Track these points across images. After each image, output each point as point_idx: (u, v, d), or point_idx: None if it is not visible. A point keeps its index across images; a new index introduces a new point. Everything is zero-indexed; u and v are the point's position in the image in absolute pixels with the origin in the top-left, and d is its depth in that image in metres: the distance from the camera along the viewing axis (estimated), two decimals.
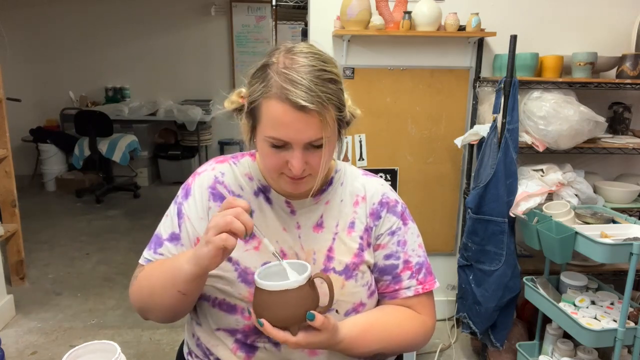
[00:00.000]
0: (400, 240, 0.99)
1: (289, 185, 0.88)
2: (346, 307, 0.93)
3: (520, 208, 2.02)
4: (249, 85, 0.86)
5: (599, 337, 1.69)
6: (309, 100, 0.78)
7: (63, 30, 5.37)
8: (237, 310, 0.91)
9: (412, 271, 0.98)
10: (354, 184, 1.01)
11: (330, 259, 0.94)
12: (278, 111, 0.80)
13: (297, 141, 0.82)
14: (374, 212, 0.99)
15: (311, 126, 0.80)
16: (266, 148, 0.85)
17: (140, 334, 2.47)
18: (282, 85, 0.79)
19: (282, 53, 0.84)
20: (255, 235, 0.82)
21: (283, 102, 0.79)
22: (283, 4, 2.56)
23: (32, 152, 5.18)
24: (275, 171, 0.87)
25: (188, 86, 5.59)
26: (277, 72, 0.81)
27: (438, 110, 2.38)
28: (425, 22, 2.16)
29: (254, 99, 0.83)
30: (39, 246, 3.56)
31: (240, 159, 1.02)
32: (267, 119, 0.82)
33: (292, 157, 0.83)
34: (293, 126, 0.80)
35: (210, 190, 0.97)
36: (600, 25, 2.34)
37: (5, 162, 2.70)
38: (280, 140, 0.82)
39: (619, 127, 2.33)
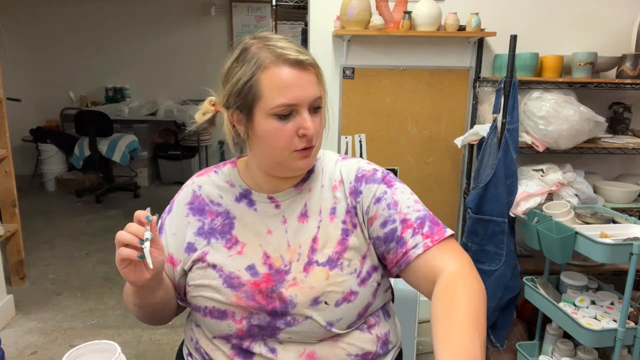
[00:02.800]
0: (389, 203, 0.92)
1: (301, 160, 0.88)
2: (335, 298, 0.89)
3: (520, 208, 2.02)
4: (231, 78, 0.87)
5: (599, 337, 1.69)
6: (304, 56, 0.83)
7: (63, 30, 5.37)
8: (227, 316, 0.91)
9: (413, 228, 0.90)
10: (332, 169, 0.99)
11: (313, 250, 0.92)
12: (281, 75, 0.82)
13: (304, 100, 0.84)
14: (353, 190, 0.95)
15: (311, 83, 0.85)
16: (273, 125, 0.84)
17: (140, 334, 2.47)
18: (274, 52, 0.83)
19: (254, 38, 0.88)
20: (155, 234, 0.84)
21: (283, 65, 0.83)
22: (283, 4, 2.56)
23: (32, 152, 5.18)
24: (286, 148, 0.86)
25: (188, 86, 5.58)
26: (261, 48, 0.84)
27: (438, 110, 2.38)
28: (425, 22, 2.16)
29: (246, 80, 0.84)
30: (39, 246, 3.56)
31: (221, 168, 1.03)
32: (271, 89, 0.83)
33: (302, 121, 0.84)
34: (298, 85, 0.83)
35: (188, 206, 0.98)
36: (600, 25, 2.34)
37: (5, 162, 2.70)
38: (288, 105, 0.83)
39: (619, 127, 2.33)
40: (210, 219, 0.96)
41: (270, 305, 0.89)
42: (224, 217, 0.96)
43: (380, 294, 0.97)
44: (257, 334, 0.91)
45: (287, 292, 0.89)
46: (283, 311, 0.89)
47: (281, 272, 0.91)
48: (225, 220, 0.96)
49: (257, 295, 0.89)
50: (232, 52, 0.89)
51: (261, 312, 0.90)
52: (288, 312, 0.89)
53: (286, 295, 0.89)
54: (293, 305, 0.89)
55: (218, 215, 0.96)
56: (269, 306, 0.89)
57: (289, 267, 0.92)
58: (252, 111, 0.85)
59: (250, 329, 0.90)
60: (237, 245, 0.93)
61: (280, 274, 0.91)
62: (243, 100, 0.86)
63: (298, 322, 0.90)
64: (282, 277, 0.91)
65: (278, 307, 0.89)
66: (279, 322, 0.90)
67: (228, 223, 0.95)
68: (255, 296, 0.89)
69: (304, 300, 0.89)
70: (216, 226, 0.95)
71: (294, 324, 0.90)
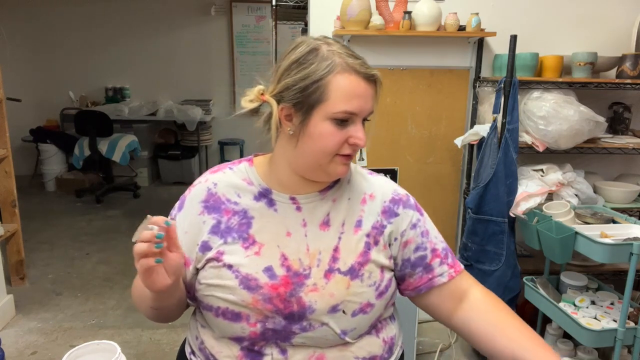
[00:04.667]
0: (423, 231, 1.00)
1: (341, 166, 0.90)
2: (353, 308, 0.91)
3: (520, 208, 2.02)
4: (287, 75, 0.87)
5: (599, 337, 1.69)
6: (372, 70, 0.87)
7: (63, 30, 5.37)
8: (242, 318, 0.89)
9: (440, 257, 1.00)
10: (361, 183, 1.01)
11: (335, 259, 0.92)
12: (352, 83, 0.85)
13: (364, 112, 0.87)
14: (387, 209, 0.98)
15: (371, 98, 0.88)
16: (329, 128, 0.86)
17: (140, 334, 2.47)
18: (348, 60, 0.85)
19: (321, 41, 0.89)
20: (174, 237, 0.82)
21: (355, 74, 0.85)
22: (283, 4, 2.55)
23: (32, 152, 5.18)
24: (331, 153, 0.88)
25: (188, 86, 5.59)
26: (333, 52, 0.86)
27: (438, 110, 2.38)
28: (425, 22, 2.16)
29: (315, 80, 0.85)
30: (39, 246, 3.56)
31: (237, 165, 1.01)
32: (339, 94, 0.85)
33: (355, 131, 0.88)
34: (363, 97, 0.86)
35: (203, 204, 0.96)
36: (600, 25, 2.34)
37: (5, 162, 2.70)
38: (350, 113, 0.86)
39: (619, 127, 2.33)
40: (226, 217, 0.94)
41: (288, 309, 0.88)
42: (241, 216, 0.94)
43: (390, 305, 1.01)
44: (271, 337, 0.90)
45: (307, 297, 0.89)
46: (300, 316, 0.89)
47: (300, 275, 0.90)
48: (242, 219, 0.93)
49: (275, 298, 0.88)
50: (294, 48, 0.89)
51: (277, 315, 0.88)
52: (305, 317, 0.89)
53: (305, 301, 0.89)
54: (312, 311, 0.89)
55: (235, 214, 0.94)
56: (286, 310, 0.88)
57: (309, 271, 0.91)
58: (312, 110, 0.86)
59: (265, 333, 0.89)
60: (255, 246, 0.92)
61: (299, 278, 0.90)
62: (305, 98, 0.86)
63: (314, 327, 0.89)
64: (301, 281, 0.90)
65: (296, 312, 0.88)
66: (295, 327, 0.89)
67: (246, 222, 0.93)
68: (272, 299, 0.88)
69: (323, 306, 0.89)
70: (233, 225, 0.93)
71: (309, 329, 0.89)
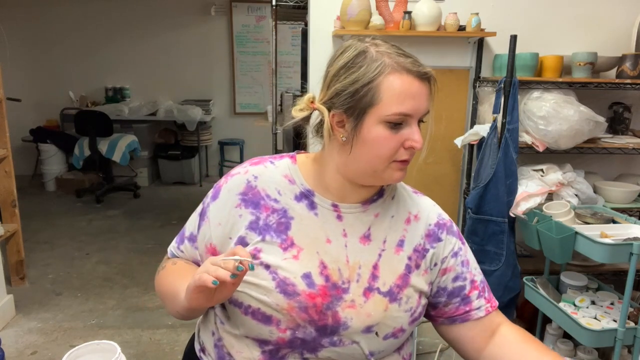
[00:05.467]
0: (463, 261, 0.97)
1: (398, 171, 0.86)
2: (386, 331, 0.88)
3: (520, 208, 2.02)
4: (336, 80, 0.84)
5: (599, 337, 1.69)
6: (425, 68, 0.83)
7: (63, 30, 5.37)
8: (272, 322, 0.85)
9: (479, 290, 0.96)
10: (406, 201, 0.97)
11: (375, 277, 0.89)
12: (404, 83, 0.81)
13: (419, 112, 0.84)
14: (431, 233, 0.95)
15: (427, 96, 0.84)
16: (383, 132, 0.82)
17: (140, 334, 2.47)
18: (398, 60, 0.82)
19: (368, 43, 0.85)
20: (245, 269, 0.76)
21: (407, 74, 0.81)
22: (283, 4, 2.55)
23: (32, 152, 5.18)
24: (387, 159, 0.84)
25: (188, 86, 5.59)
26: (382, 53, 0.83)
27: (438, 110, 2.36)
28: (425, 22, 2.16)
29: (365, 82, 0.81)
30: (39, 246, 3.56)
31: (278, 160, 0.96)
32: (392, 95, 0.81)
33: (411, 134, 0.84)
34: (418, 96, 0.82)
35: (240, 196, 0.91)
36: (600, 25, 2.34)
37: (5, 162, 2.70)
38: (404, 114, 0.82)
39: (619, 127, 2.33)
40: (265, 214, 0.89)
41: (322, 322, 0.85)
42: (280, 215, 0.89)
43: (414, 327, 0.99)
44: (298, 346, 0.87)
45: (344, 313, 0.86)
46: (333, 330, 0.86)
47: (338, 288, 0.87)
48: (281, 218, 0.89)
49: (311, 308, 0.85)
50: (342, 53, 0.86)
51: (310, 326, 0.85)
52: (338, 332, 0.86)
53: (341, 316, 0.86)
54: (346, 328, 0.86)
55: (274, 212, 0.90)
56: (320, 322, 0.85)
57: (348, 286, 0.87)
58: (364, 115, 0.82)
59: (293, 341, 0.86)
60: (293, 249, 0.88)
61: (338, 291, 0.87)
62: (356, 102, 0.82)
63: (344, 344, 0.87)
64: (339, 294, 0.87)
65: (329, 325, 0.86)
66: (324, 340, 0.86)
67: (285, 222, 0.89)
68: (308, 309, 0.85)
69: (359, 325, 0.86)
70: (271, 223, 0.89)
71: (339, 344, 0.87)
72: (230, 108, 5.72)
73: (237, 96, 5.64)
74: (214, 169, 5.77)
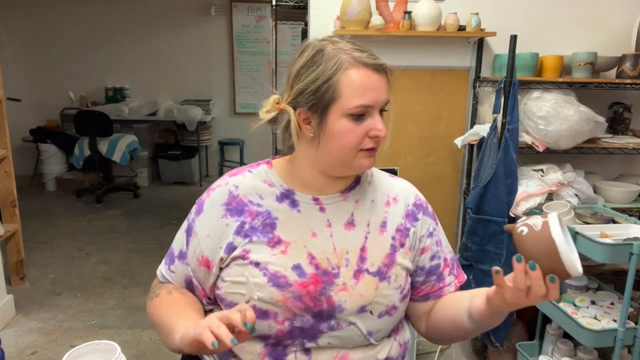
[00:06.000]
0: (438, 240, 1.02)
1: (366, 159, 0.90)
2: (380, 309, 0.92)
3: (520, 208, 2.02)
4: (304, 79, 0.87)
5: (599, 337, 1.69)
6: (382, 62, 0.87)
7: (63, 30, 5.37)
8: (269, 315, 0.88)
9: (449, 267, 1.03)
10: (383, 185, 1.02)
11: (363, 259, 0.93)
12: (362, 77, 0.85)
13: (379, 103, 0.87)
14: (410, 213, 1.00)
15: (385, 87, 0.88)
16: (347, 124, 0.86)
17: (140, 334, 2.47)
18: (354, 55, 0.86)
19: (325, 42, 0.89)
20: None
21: (364, 67, 0.86)
22: (283, 4, 2.55)
23: (32, 152, 5.18)
24: (355, 148, 0.88)
25: (188, 86, 5.59)
26: (338, 50, 0.87)
27: (438, 110, 2.38)
28: (425, 22, 2.16)
29: (325, 80, 0.85)
30: (39, 246, 3.56)
31: (255, 168, 1.00)
32: (351, 90, 0.85)
33: (374, 123, 0.87)
34: (376, 87, 0.86)
35: (225, 207, 0.95)
36: (600, 25, 2.34)
37: (5, 162, 2.70)
38: (365, 106, 0.86)
39: (619, 127, 2.33)
40: (250, 218, 0.93)
41: (317, 308, 0.89)
42: (264, 217, 0.93)
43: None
44: (298, 335, 0.90)
45: (337, 296, 0.90)
46: (329, 315, 0.89)
47: (329, 274, 0.91)
48: (266, 220, 0.93)
49: (305, 296, 0.88)
50: (301, 53, 0.90)
51: (306, 314, 0.89)
52: (334, 316, 0.90)
53: (335, 300, 0.89)
54: (341, 310, 0.90)
55: (258, 215, 0.94)
56: (315, 308, 0.89)
57: (338, 270, 0.91)
58: (327, 110, 0.87)
59: (292, 331, 0.89)
60: (281, 245, 0.91)
61: (329, 277, 0.90)
62: (319, 99, 0.86)
63: (341, 327, 0.90)
64: (330, 279, 0.90)
65: (325, 310, 0.89)
66: (323, 326, 0.90)
67: (270, 223, 0.93)
68: (302, 297, 0.88)
69: (352, 306, 0.90)
70: (257, 225, 0.93)
71: (337, 328, 0.90)
72: (230, 108, 5.72)
73: (237, 96, 5.65)
74: (214, 169, 5.77)
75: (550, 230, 0.75)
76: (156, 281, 1.04)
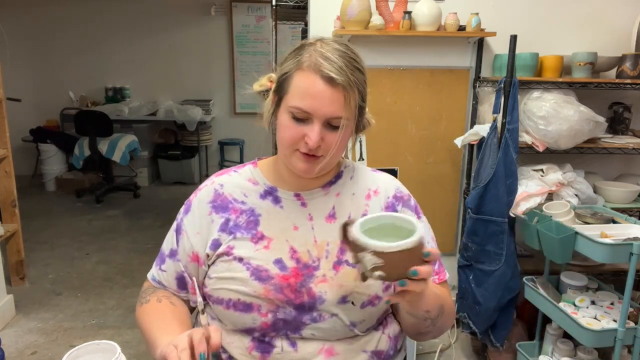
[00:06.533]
0: None
1: (301, 162, 0.91)
2: (361, 299, 0.93)
3: (520, 208, 2.02)
4: (282, 65, 0.92)
5: (599, 337, 1.69)
6: (338, 75, 0.85)
7: (63, 30, 5.37)
8: (253, 308, 0.91)
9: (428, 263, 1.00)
10: (365, 179, 1.04)
11: (343, 251, 0.95)
12: (308, 81, 0.86)
13: (320, 114, 0.86)
14: (390, 205, 1.01)
15: (335, 102, 0.86)
16: (287, 120, 0.89)
17: (140, 334, 2.47)
18: (316, 59, 0.87)
19: (318, 39, 0.92)
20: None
21: (315, 73, 0.86)
22: (283, 4, 2.55)
23: (32, 152, 5.18)
24: (290, 145, 0.90)
25: (188, 86, 5.59)
26: (312, 50, 0.89)
27: (438, 110, 2.38)
28: (425, 22, 2.16)
29: (286, 71, 0.89)
30: (39, 246, 3.56)
31: (241, 168, 1.04)
32: (296, 90, 0.87)
33: (310, 131, 0.87)
34: (319, 98, 0.86)
35: (210, 204, 0.99)
36: (600, 25, 2.34)
37: (5, 162, 2.70)
38: (304, 111, 0.86)
39: (619, 127, 2.33)
40: (234, 216, 0.97)
41: (299, 300, 0.91)
42: (248, 214, 0.97)
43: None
44: (282, 328, 0.92)
45: (317, 287, 0.92)
46: (311, 306, 0.91)
47: (309, 267, 0.93)
48: (250, 217, 0.97)
49: (286, 289, 0.91)
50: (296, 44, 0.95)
51: (288, 306, 0.91)
52: (315, 307, 0.91)
53: (315, 291, 0.91)
54: (322, 301, 0.91)
55: (242, 213, 0.97)
56: (297, 300, 0.91)
57: (318, 263, 0.93)
58: (281, 100, 0.91)
59: (276, 323, 0.91)
60: (264, 240, 0.95)
61: (309, 269, 0.93)
62: (279, 87, 0.91)
63: (324, 318, 0.92)
64: (310, 272, 0.93)
65: (306, 302, 0.91)
66: (305, 317, 0.92)
67: (253, 220, 0.97)
68: (283, 289, 0.91)
69: (333, 297, 0.91)
70: (241, 222, 0.96)
71: (319, 320, 0.92)
72: (230, 108, 5.72)
73: (237, 96, 5.64)
74: (214, 169, 5.77)
75: (365, 244, 0.75)
76: (147, 284, 1.07)
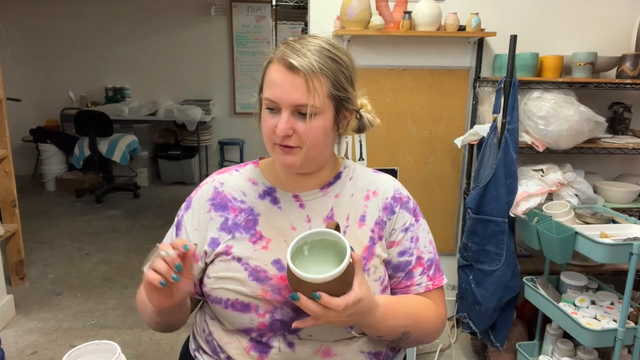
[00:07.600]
0: (413, 237, 1.00)
1: (280, 155, 0.91)
2: None
3: (520, 208, 2.02)
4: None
5: (599, 337, 1.69)
6: (299, 62, 0.85)
7: (63, 30, 5.37)
8: (250, 309, 0.91)
9: (423, 267, 1.00)
10: (364, 179, 1.03)
11: None
12: (273, 72, 0.88)
13: (284, 102, 0.87)
14: (388, 206, 1.00)
15: (297, 88, 0.86)
16: (264, 114, 0.91)
17: (140, 334, 2.47)
18: (283, 50, 0.88)
19: (294, 37, 0.93)
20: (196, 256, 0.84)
21: (278, 63, 0.88)
22: (283, 4, 2.56)
23: (32, 152, 5.18)
24: (269, 139, 0.91)
25: (188, 86, 5.59)
26: (285, 44, 0.90)
27: (438, 110, 2.38)
28: (425, 22, 2.16)
29: (262, 68, 0.92)
30: (39, 246, 3.56)
31: (242, 167, 1.06)
32: (267, 82, 0.90)
33: (278, 120, 0.88)
34: (281, 85, 0.87)
35: (210, 202, 1.00)
36: (600, 25, 2.34)
37: (5, 162, 2.70)
38: (271, 100, 0.88)
39: (619, 127, 2.33)
40: (233, 214, 0.97)
41: None
42: (247, 213, 0.97)
43: None
44: (279, 328, 0.92)
45: None
46: None
47: None
48: (249, 216, 0.97)
49: (284, 289, 0.90)
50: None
51: (286, 306, 0.91)
52: None
53: None
54: None
55: (241, 212, 0.98)
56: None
57: None
58: (259, 96, 0.93)
59: (273, 324, 0.91)
60: (262, 241, 0.95)
61: None
62: (260, 86, 0.93)
63: None
64: None
65: None
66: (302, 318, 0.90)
67: (252, 219, 0.97)
68: (281, 290, 0.90)
69: None
70: (240, 222, 0.97)
71: None
72: (230, 108, 5.72)
73: (237, 96, 5.64)
74: (214, 169, 5.76)
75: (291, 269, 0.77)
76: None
